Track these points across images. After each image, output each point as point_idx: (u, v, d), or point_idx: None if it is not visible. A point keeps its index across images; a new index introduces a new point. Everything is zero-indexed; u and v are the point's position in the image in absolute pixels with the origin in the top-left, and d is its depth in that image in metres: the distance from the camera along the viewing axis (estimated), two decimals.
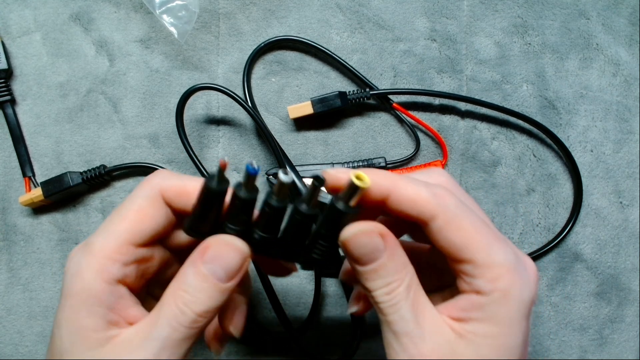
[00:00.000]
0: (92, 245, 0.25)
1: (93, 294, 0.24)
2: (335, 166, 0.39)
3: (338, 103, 0.39)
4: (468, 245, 0.24)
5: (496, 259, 0.24)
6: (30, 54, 0.41)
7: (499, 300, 0.24)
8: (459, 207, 0.24)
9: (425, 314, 0.24)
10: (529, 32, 0.42)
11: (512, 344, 0.24)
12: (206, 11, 0.41)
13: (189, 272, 0.24)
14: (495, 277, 0.24)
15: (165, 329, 0.23)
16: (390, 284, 0.24)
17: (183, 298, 0.23)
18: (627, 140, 0.41)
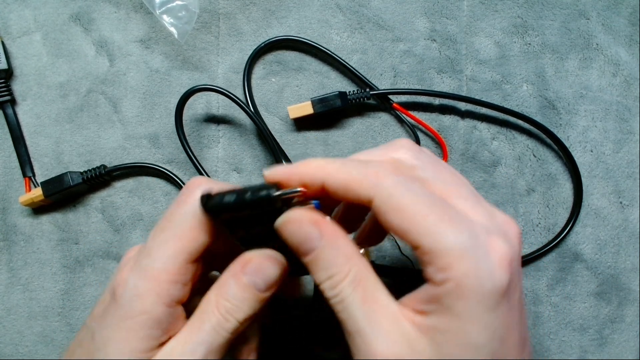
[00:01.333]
0: (152, 267, 0.24)
1: (153, 318, 0.24)
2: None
3: (338, 103, 0.39)
4: (410, 228, 0.22)
5: (444, 243, 0.21)
6: (30, 54, 0.41)
7: (454, 292, 0.21)
8: (399, 186, 0.22)
9: (378, 310, 0.22)
10: (529, 32, 0.42)
11: (476, 341, 0.21)
12: (206, 11, 0.41)
13: (231, 283, 0.25)
14: (444, 266, 0.21)
15: (211, 334, 0.24)
16: (333, 277, 0.23)
17: (225, 306, 0.24)
18: (627, 140, 0.41)
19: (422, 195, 0.22)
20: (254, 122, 0.39)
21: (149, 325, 0.24)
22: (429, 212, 0.22)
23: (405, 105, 0.41)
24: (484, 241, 0.22)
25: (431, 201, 0.22)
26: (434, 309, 0.22)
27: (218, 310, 0.24)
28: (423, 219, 0.21)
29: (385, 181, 0.22)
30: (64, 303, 0.39)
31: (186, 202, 0.25)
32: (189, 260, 0.25)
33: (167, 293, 0.24)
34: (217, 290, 0.25)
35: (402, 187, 0.22)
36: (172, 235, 0.25)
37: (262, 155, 0.41)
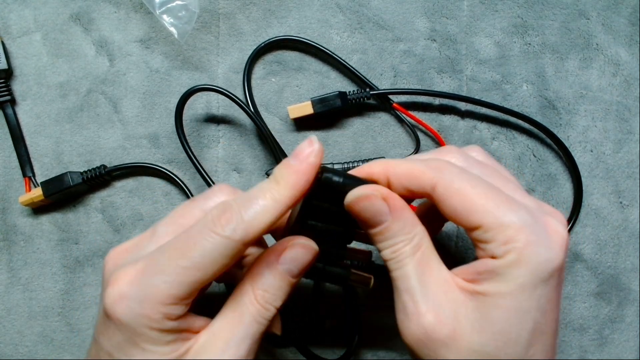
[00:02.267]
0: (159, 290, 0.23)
1: (162, 330, 0.24)
2: (335, 167, 0.39)
3: (338, 103, 0.39)
4: (472, 209, 0.24)
5: (506, 220, 0.23)
6: (30, 54, 0.41)
7: (513, 263, 0.23)
8: (458, 174, 0.24)
9: (432, 273, 0.25)
10: (529, 32, 0.42)
11: (523, 307, 0.23)
12: (206, 11, 0.41)
13: (267, 273, 0.25)
14: (507, 239, 0.23)
15: (254, 326, 0.25)
16: (396, 244, 0.25)
17: (265, 297, 0.25)
18: (627, 140, 0.41)
19: (481, 181, 0.24)
20: (254, 122, 0.39)
21: (160, 338, 0.24)
22: (490, 195, 0.24)
23: (405, 105, 0.41)
24: (542, 220, 0.24)
25: (489, 187, 0.24)
26: (488, 278, 0.23)
27: (257, 301, 0.25)
28: (485, 201, 0.24)
29: (447, 170, 0.25)
30: (64, 303, 0.39)
31: (216, 233, 0.23)
32: (200, 284, 0.24)
33: (171, 312, 0.24)
34: (253, 281, 0.25)
35: (462, 174, 0.24)
36: (192, 265, 0.23)
37: (262, 155, 0.41)
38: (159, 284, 0.23)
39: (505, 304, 0.23)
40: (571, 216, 0.40)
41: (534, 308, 0.23)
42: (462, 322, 0.23)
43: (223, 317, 0.25)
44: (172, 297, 0.23)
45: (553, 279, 0.23)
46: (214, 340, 0.25)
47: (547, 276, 0.23)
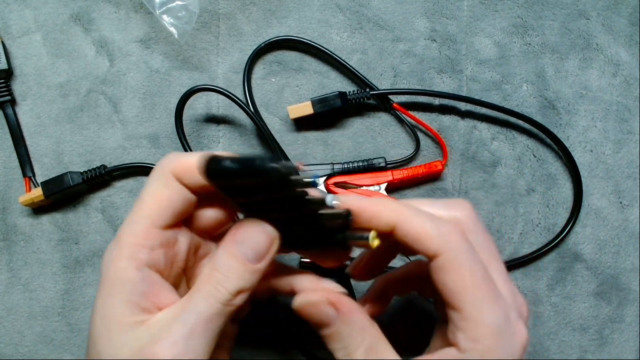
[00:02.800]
0: (120, 235, 0.25)
1: (125, 281, 0.24)
2: (335, 167, 0.39)
3: (338, 103, 0.39)
4: (460, 293, 0.24)
5: (484, 317, 0.24)
6: (30, 54, 0.41)
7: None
8: (464, 251, 0.24)
9: None
10: (529, 32, 0.42)
11: None
12: (206, 11, 0.41)
13: (221, 253, 0.25)
14: (477, 337, 0.24)
15: (201, 303, 0.24)
16: (347, 347, 0.25)
17: (216, 277, 0.25)
18: (627, 140, 0.41)
19: (480, 267, 0.24)
20: (254, 122, 0.39)
21: (122, 289, 0.24)
22: (482, 285, 0.24)
23: (405, 105, 0.41)
24: (514, 325, 0.25)
25: (485, 275, 0.24)
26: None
27: (208, 281, 0.25)
28: (476, 290, 0.24)
29: (455, 244, 0.24)
30: (64, 303, 0.39)
31: (153, 172, 0.26)
32: (153, 225, 0.25)
33: (134, 256, 0.24)
34: (209, 262, 0.26)
35: (468, 254, 0.24)
36: (137, 204, 0.26)
37: None
38: (122, 230, 0.25)
39: None
40: (571, 216, 0.40)
41: None
42: None
43: (182, 298, 0.26)
44: (130, 234, 0.25)
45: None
46: (166, 315, 0.25)
47: None
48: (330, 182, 0.38)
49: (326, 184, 0.39)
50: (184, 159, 0.26)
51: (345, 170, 0.39)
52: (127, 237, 0.25)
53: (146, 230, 0.25)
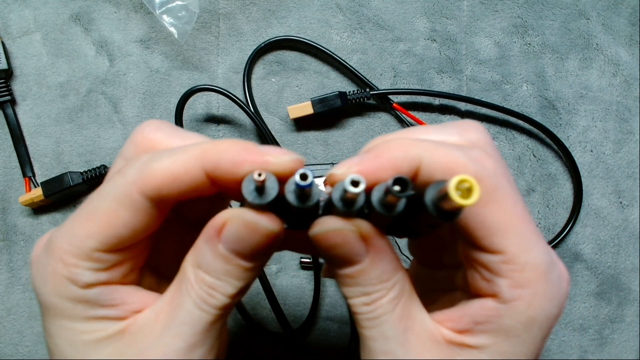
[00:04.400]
0: (55, 247, 0.20)
1: (71, 301, 0.20)
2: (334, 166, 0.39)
3: (338, 103, 0.39)
4: (504, 230, 0.19)
5: (531, 257, 0.19)
6: (30, 54, 0.41)
7: (521, 312, 0.19)
8: (503, 179, 0.19)
9: (414, 330, 0.20)
10: (529, 32, 0.42)
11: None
12: (206, 11, 0.41)
13: (207, 252, 0.20)
14: (523, 282, 0.19)
15: (196, 313, 0.20)
16: (372, 294, 0.20)
17: (206, 281, 0.20)
18: (627, 140, 0.41)
19: (520, 197, 0.20)
20: (254, 122, 0.39)
21: (71, 309, 0.20)
22: (526, 220, 0.19)
23: (405, 105, 0.41)
24: (557, 265, 0.21)
25: (525, 207, 0.20)
26: (485, 329, 0.20)
27: (198, 284, 0.20)
28: (521, 226, 0.19)
29: (492, 171, 0.19)
30: None
31: (114, 179, 0.20)
32: (99, 249, 0.20)
33: (74, 277, 0.20)
34: (193, 258, 0.21)
35: (507, 182, 0.20)
36: (84, 213, 0.20)
37: None
38: (58, 241, 0.20)
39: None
40: (571, 216, 0.40)
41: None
42: None
43: (166, 296, 0.21)
44: (69, 253, 0.20)
45: (550, 333, 0.21)
46: (154, 322, 0.20)
47: (549, 331, 0.20)
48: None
49: (326, 184, 0.38)
50: (163, 169, 0.20)
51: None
52: (64, 255, 0.20)
53: (89, 254, 0.20)
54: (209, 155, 0.19)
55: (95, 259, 0.20)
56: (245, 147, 0.20)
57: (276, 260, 0.40)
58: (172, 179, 0.19)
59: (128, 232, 0.20)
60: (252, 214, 0.20)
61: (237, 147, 0.20)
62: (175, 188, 0.20)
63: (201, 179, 0.20)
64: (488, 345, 0.19)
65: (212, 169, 0.19)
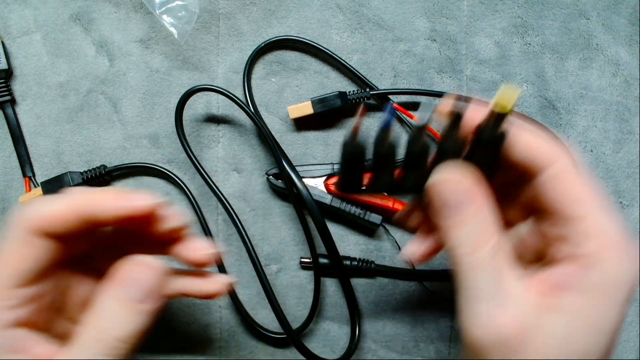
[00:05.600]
0: None
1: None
2: (335, 167, 0.39)
3: (338, 103, 0.39)
4: (583, 200, 0.22)
5: (610, 224, 0.22)
6: (30, 54, 0.41)
7: (604, 273, 0.21)
8: (577, 161, 0.23)
9: (509, 283, 0.22)
10: (529, 32, 0.42)
11: (607, 325, 0.21)
12: (206, 11, 0.41)
13: (105, 298, 0.23)
14: (605, 245, 0.21)
15: (85, 357, 0.22)
16: (473, 243, 0.22)
17: (100, 325, 0.22)
18: (627, 140, 0.41)
19: (592, 177, 0.23)
20: (254, 122, 0.39)
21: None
22: (600, 195, 0.22)
23: (405, 105, 0.41)
24: (630, 237, 0.23)
25: (597, 185, 0.23)
26: (571, 289, 0.21)
27: (93, 330, 0.23)
28: (597, 197, 0.22)
29: (566, 153, 0.23)
30: None
31: (9, 227, 0.24)
32: (11, 286, 0.23)
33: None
34: (93, 307, 0.23)
35: (580, 165, 0.23)
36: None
37: (262, 155, 0.41)
38: None
39: (591, 319, 0.21)
40: None
41: (614, 328, 0.22)
42: (537, 330, 0.21)
43: (66, 347, 0.23)
44: None
45: (630, 301, 0.22)
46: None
47: (628, 296, 0.22)
48: (330, 181, 0.38)
49: (326, 184, 0.39)
50: (46, 209, 0.24)
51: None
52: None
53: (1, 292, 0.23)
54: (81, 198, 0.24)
55: (7, 297, 0.23)
56: (110, 195, 0.25)
57: (276, 260, 0.40)
58: (52, 217, 0.24)
59: (31, 267, 0.23)
60: (141, 256, 0.25)
61: (105, 195, 0.25)
62: (55, 225, 0.24)
63: (73, 217, 0.24)
64: (577, 306, 0.21)
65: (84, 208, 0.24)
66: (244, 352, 0.39)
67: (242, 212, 0.40)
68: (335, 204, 0.38)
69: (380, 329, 0.39)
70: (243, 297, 0.39)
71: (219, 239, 0.40)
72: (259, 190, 0.40)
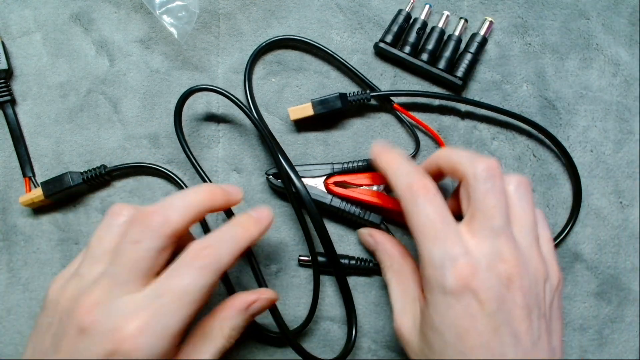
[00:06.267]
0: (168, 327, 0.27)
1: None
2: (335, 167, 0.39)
3: (339, 105, 0.39)
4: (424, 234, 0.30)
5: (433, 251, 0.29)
6: (30, 54, 0.41)
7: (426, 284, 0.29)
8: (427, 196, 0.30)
9: (407, 290, 0.34)
10: (529, 32, 0.42)
11: (435, 320, 0.28)
12: (206, 11, 0.41)
13: (237, 317, 0.32)
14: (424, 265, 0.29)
15: (218, 355, 0.30)
16: (382, 263, 0.37)
17: (232, 335, 0.31)
18: (627, 140, 0.41)
19: (447, 214, 0.29)
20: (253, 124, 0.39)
21: None
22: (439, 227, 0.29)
23: (405, 105, 0.41)
24: (452, 261, 0.28)
25: (446, 222, 0.29)
26: (425, 291, 0.29)
27: (225, 338, 0.30)
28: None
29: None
30: None
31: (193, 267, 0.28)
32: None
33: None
34: (222, 320, 0.31)
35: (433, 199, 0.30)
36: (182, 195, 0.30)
37: (262, 155, 0.41)
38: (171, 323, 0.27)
39: (427, 319, 0.29)
40: (571, 216, 0.40)
41: (445, 323, 0.28)
42: (415, 328, 0.30)
43: (193, 346, 0.29)
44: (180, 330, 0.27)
45: (455, 299, 0.27)
46: None
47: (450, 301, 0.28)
48: (330, 181, 0.38)
49: (326, 183, 0.39)
50: (181, 214, 0.29)
51: (345, 169, 0.39)
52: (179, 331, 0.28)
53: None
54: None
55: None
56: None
57: (276, 261, 0.40)
58: (187, 222, 0.29)
59: (159, 261, 0.29)
60: (269, 292, 0.34)
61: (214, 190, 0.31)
62: (186, 227, 0.29)
63: (198, 217, 0.30)
64: (427, 302, 0.29)
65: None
66: (244, 351, 0.39)
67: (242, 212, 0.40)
68: (335, 203, 0.38)
69: (380, 329, 0.39)
70: None
71: None
72: (259, 190, 0.40)
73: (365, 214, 0.38)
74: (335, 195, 0.38)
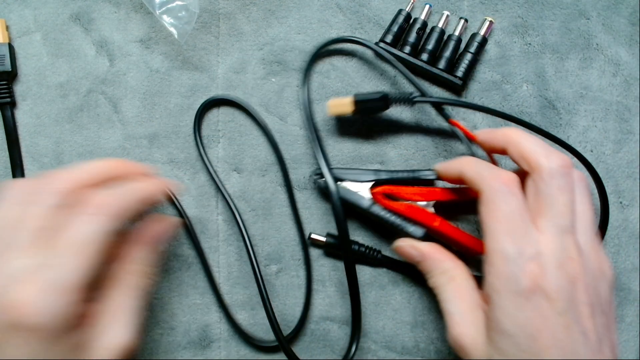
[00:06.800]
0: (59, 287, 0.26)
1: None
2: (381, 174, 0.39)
3: (380, 105, 0.38)
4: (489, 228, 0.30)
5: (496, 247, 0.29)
6: (30, 54, 0.41)
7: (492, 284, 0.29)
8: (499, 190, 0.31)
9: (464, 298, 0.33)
10: (529, 32, 0.42)
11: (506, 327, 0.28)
12: (206, 11, 0.41)
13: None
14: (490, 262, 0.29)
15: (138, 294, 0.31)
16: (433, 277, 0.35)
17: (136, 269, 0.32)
18: (627, 140, 0.41)
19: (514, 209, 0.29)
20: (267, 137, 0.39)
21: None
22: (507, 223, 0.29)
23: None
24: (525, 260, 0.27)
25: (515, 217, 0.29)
26: (489, 300, 0.29)
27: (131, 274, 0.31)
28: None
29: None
30: None
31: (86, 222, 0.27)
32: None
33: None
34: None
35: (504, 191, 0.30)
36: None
37: (262, 155, 0.41)
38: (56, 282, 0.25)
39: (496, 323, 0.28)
40: None
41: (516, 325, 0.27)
42: (479, 335, 0.29)
43: (107, 291, 0.29)
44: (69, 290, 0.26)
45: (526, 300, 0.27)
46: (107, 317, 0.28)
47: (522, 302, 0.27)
48: (378, 190, 0.37)
49: (373, 192, 0.37)
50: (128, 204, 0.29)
51: (391, 179, 0.37)
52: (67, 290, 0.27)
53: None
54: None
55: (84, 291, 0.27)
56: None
57: (276, 261, 0.40)
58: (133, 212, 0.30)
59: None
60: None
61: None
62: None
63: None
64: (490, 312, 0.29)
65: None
66: (244, 352, 0.39)
67: (242, 212, 0.40)
68: (375, 210, 0.37)
69: (380, 329, 0.39)
70: (243, 297, 0.39)
71: (219, 239, 0.40)
72: (259, 190, 0.40)
73: (407, 225, 0.36)
74: (377, 202, 0.37)
